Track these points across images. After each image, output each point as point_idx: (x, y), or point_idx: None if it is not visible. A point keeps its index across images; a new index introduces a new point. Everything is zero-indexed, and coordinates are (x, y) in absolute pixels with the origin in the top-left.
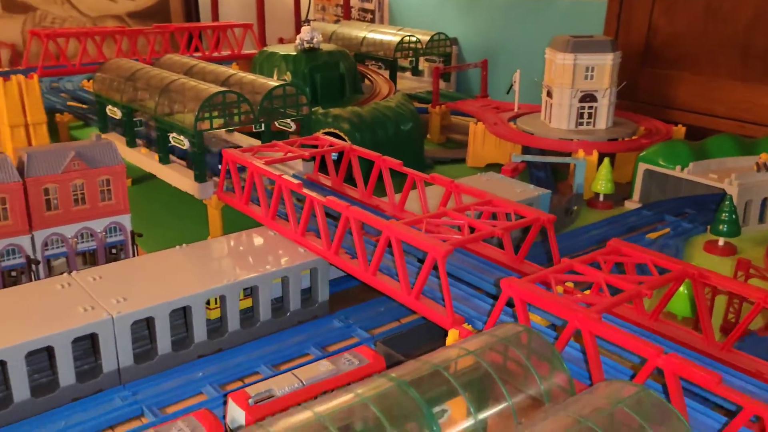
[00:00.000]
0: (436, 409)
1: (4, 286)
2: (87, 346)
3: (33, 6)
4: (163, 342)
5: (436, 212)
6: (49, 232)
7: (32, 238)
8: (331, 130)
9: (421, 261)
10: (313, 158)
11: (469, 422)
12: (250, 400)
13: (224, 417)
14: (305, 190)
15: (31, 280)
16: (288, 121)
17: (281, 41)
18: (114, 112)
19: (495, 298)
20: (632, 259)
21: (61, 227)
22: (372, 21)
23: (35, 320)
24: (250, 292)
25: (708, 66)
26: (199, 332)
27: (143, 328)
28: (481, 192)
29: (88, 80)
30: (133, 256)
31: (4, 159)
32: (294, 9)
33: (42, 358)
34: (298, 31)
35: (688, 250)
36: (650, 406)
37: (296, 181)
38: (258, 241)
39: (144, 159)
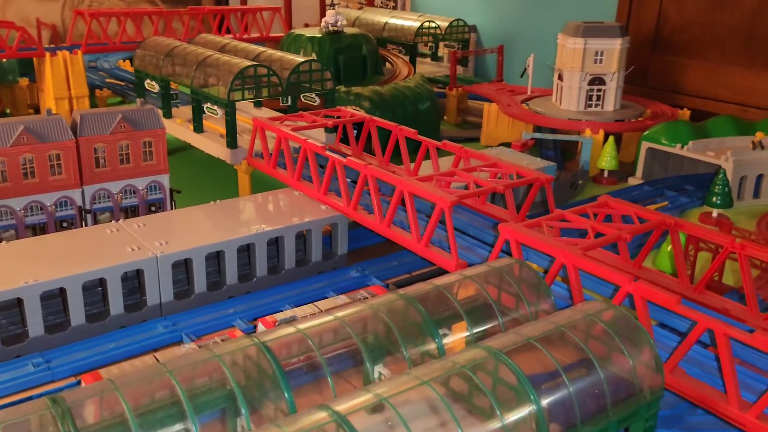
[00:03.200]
0: (441, 330)
1: None
2: (133, 285)
3: None
4: (200, 282)
5: (446, 171)
6: (98, 187)
7: (83, 192)
8: (353, 108)
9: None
10: (336, 128)
11: (465, 334)
12: (276, 323)
13: None
14: (328, 152)
15: None
16: (313, 95)
17: (307, 26)
18: (152, 86)
19: None
20: (618, 212)
21: (108, 183)
22: (395, 8)
23: (90, 257)
24: (276, 241)
25: (714, 53)
26: (231, 275)
27: (182, 272)
28: (488, 156)
29: (124, 60)
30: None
31: (60, 120)
32: None
33: (96, 293)
34: (323, 17)
35: None
36: (619, 320)
37: (320, 145)
38: (284, 199)
39: (180, 129)
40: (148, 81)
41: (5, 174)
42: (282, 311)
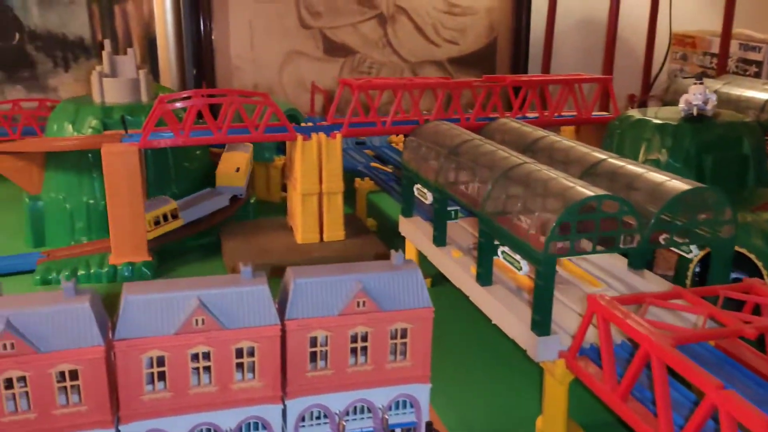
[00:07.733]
0: None
1: None
2: None
3: (354, 50)
4: None
5: None
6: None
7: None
8: (736, 248)
9: None
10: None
11: None
12: None
13: None
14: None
15: None
16: (690, 247)
17: (632, 99)
18: (423, 195)
19: None
20: None
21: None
22: (757, 76)
23: None
24: None
25: None
26: None
27: None
28: None
29: (397, 135)
30: None
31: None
32: (644, 58)
33: None
34: (646, 88)
35: None
36: None
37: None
38: None
39: (454, 268)
40: (419, 186)
41: None
42: None
